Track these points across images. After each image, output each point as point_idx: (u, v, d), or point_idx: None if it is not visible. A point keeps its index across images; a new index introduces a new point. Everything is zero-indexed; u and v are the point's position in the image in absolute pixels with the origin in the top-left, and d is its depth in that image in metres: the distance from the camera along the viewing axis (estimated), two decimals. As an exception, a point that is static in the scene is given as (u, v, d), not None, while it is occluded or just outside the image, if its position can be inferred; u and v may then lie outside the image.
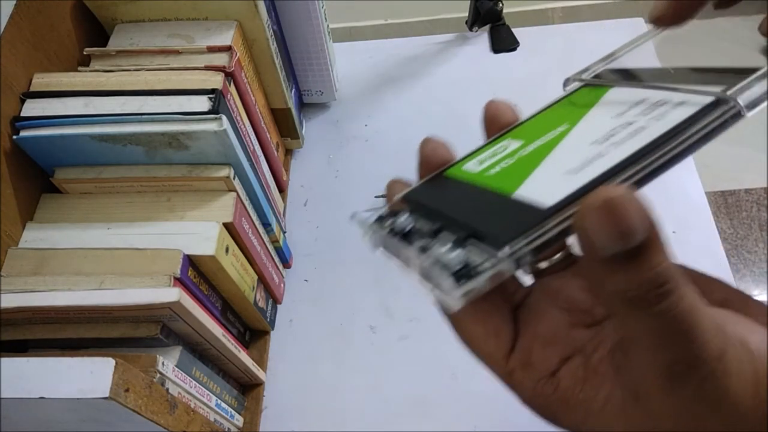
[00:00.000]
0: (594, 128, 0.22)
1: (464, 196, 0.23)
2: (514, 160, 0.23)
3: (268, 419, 0.55)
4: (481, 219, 0.21)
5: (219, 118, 0.43)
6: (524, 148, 0.24)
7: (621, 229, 0.17)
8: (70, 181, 0.46)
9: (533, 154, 0.23)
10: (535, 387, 0.22)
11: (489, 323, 0.23)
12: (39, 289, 0.40)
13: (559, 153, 0.22)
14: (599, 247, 0.17)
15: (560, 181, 0.20)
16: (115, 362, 0.30)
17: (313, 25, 0.63)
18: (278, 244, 0.59)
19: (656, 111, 0.21)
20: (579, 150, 0.21)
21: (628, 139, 0.20)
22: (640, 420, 0.20)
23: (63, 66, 0.50)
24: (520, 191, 0.21)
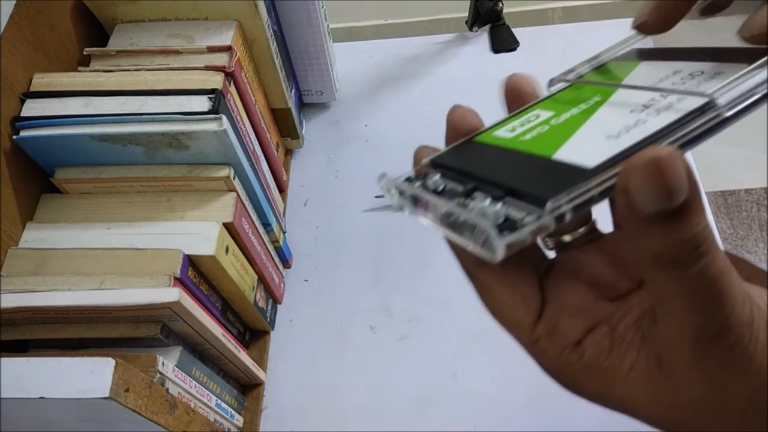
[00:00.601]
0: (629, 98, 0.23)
1: (498, 158, 0.23)
2: (548, 128, 0.24)
3: (268, 419, 0.55)
4: (518, 178, 0.21)
5: (219, 118, 0.43)
6: (556, 118, 0.24)
7: (666, 187, 0.17)
8: (70, 181, 0.46)
9: (567, 122, 0.23)
10: (560, 355, 0.22)
11: (518, 290, 0.23)
12: (39, 289, 0.40)
13: (599, 120, 0.22)
14: (642, 206, 0.17)
15: (601, 144, 0.20)
16: (115, 362, 0.30)
17: (313, 25, 0.63)
18: (278, 244, 0.59)
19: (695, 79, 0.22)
20: (617, 118, 0.21)
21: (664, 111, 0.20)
22: (663, 387, 0.20)
23: (63, 66, 0.50)
24: (559, 154, 0.21)
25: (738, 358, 0.19)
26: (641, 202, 0.17)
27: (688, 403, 0.20)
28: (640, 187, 0.17)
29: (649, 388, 0.20)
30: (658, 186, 0.17)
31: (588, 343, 0.22)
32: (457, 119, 0.26)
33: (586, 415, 0.52)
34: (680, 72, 0.23)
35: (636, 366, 0.20)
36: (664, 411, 0.20)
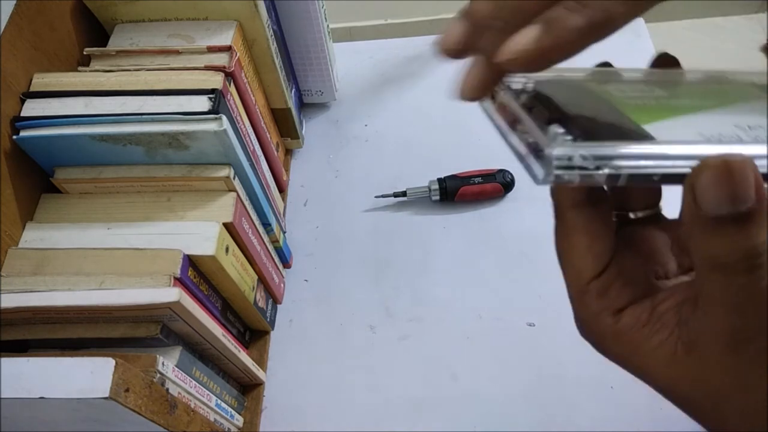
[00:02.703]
0: (744, 116, 0.22)
1: (594, 107, 0.23)
2: (655, 102, 0.23)
3: (268, 419, 0.55)
4: (600, 128, 0.21)
5: (219, 118, 0.43)
6: (672, 99, 0.24)
7: (732, 192, 0.17)
8: (70, 181, 0.46)
9: (673, 107, 0.23)
10: (599, 314, 0.23)
11: (596, 242, 0.24)
12: (39, 289, 0.40)
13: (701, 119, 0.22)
14: (706, 206, 0.18)
15: (689, 137, 0.20)
16: (115, 362, 0.30)
17: (313, 25, 0.63)
18: (278, 244, 0.59)
19: None
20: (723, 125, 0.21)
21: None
22: (685, 369, 0.21)
23: (63, 66, 0.50)
24: (649, 126, 0.21)
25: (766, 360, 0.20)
26: (706, 201, 0.18)
27: (710, 389, 0.21)
28: (707, 186, 0.18)
29: (672, 366, 0.22)
30: (725, 188, 0.17)
31: (627, 312, 0.23)
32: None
33: (586, 415, 0.52)
34: None
35: (664, 345, 0.22)
36: (683, 390, 0.22)
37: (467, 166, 0.67)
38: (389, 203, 0.67)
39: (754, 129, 0.21)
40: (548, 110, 0.22)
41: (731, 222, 0.18)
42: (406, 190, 0.66)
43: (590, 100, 0.24)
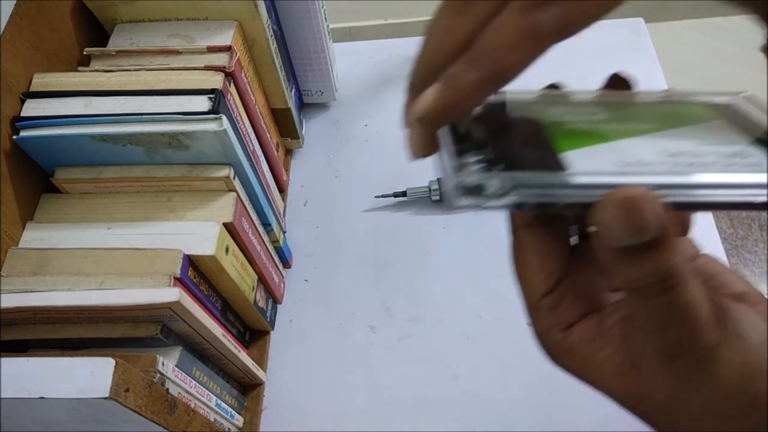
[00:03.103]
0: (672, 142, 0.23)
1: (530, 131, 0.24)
2: (590, 127, 0.24)
3: (268, 419, 0.55)
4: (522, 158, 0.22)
5: (219, 118, 0.43)
6: (609, 122, 0.25)
7: (635, 226, 0.19)
8: (70, 181, 0.46)
9: (606, 132, 0.24)
10: (551, 329, 0.24)
11: (547, 259, 0.24)
12: (39, 289, 0.40)
13: (629, 145, 0.23)
14: (611, 240, 0.19)
15: (608, 166, 0.21)
16: (115, 362, 0.30)
17: (313, 25, 0.63)
18: (278, 244, 0.59)
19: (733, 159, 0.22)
20: (646, 152, 0.22)
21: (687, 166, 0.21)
22: (630, 384, 0.22)
23: (63, 66, 0.50)
24: (572, 153, 0.22)
25: (700, 374, 0.20)
26: (610, 236, 0.19)
27: (654, 402, 0.22)
28: (609, 222, 0.19)
29: (620, 380, 0.22)
30: (626, 223, 0.19)
31: (577, 327, 0.24)
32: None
33: (586, 416, 0.52)
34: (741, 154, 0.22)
35: (611, 359, 0.23)
36: (631, 402, 0.23)
37: (467, 166, 0.67)
38: (389, 203, 0.67)
39: (677, 156, 0.22)
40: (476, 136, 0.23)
41: (638, 251, 0.19)
42: (406, 190, 0.66)
43: (524, 125, 0.24)
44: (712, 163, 0.21)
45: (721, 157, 0.22)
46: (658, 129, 0.24)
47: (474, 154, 0.22)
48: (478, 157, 0.22)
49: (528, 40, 0.19)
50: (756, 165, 0.21)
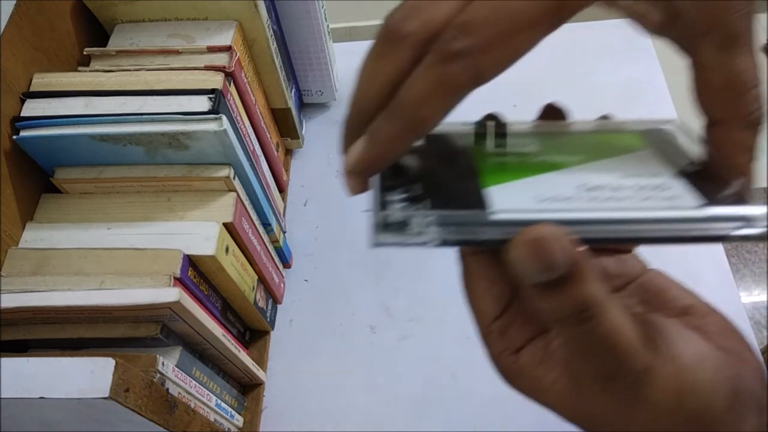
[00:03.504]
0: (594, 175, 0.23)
1: (461, 165, 0.25)
2: (518, 160, 0.25)
3: (268, 419, 0.55)
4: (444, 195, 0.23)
5: (219, 118, 0.43)
6: (538, 155, 0.25)
7: (543, 263, 0.19)
8: (70, 181, 0.46)
9: (533, 165, 0.24)
10: (502, 354, 0.25)
11: (494, 285, 0.25)
12: (39, 289, 0.40)
13: (551, 179, 0.23)
14: (524, 277, 0.20)
15: (526, 203, 0.22)
16: (115, 362, 0.30)
17: (313, 25, 0.63)
18: (278, 244, 0.59)
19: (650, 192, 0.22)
20: (564, 185, 0.23)
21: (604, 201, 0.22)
22: (576, 406, 0.23)
23: (63, 66, 0.50)
24: (492, 190, 0.23)
25: (635, 397, 0.21)
26: (522, 273, 0.20)
27: (601, 423, 0.23)
28: (520, 261, 0.20)
29: (568, 403, 0.23)
30: (536, 262, 0.20)
31: (526, 351, 0.24)
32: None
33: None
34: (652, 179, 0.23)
35: (558, 382, 0.23)
36: (582, 423, 0.23)
37: (467, 166, 0.67)
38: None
39: (595, 190, 0.22)
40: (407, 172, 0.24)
41: (551, 286, 0.20)
42: (406, 190, 0.66)
43: (456, 159, 0.25)
44: (629, 197, 0.22)
45: (638, 191, 0.22)
46: (584, 161, 0.24)
47: (401, 191, 0.23)
48: (404, 194, 0.23)
49: (441, 93, 0.20)
50: (672, 198, 0.22)
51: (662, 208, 0.21)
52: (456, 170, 0.24)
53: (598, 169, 0.24)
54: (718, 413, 0.21)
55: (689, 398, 0.21)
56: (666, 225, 0.21)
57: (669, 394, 0.21)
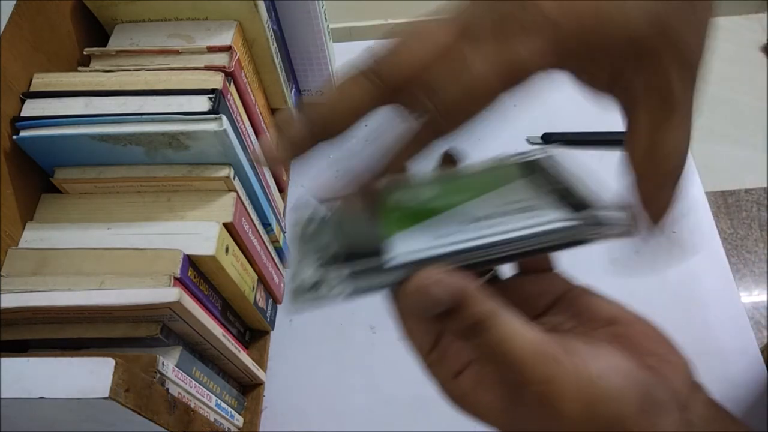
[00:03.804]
0: (480, 207, 0.26)
1: (370, 220, 0.27)
2: (418, 206, 0.27)
3: (268, 419, 0.55)
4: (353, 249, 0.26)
5: (219, 118, 0.43)
6: (435, 199, 0.28)
7: (429, 303, 0.22)
8: (70, 181, 0.46)
9: (430, 209, 0.27)
10: (445, 381, 0.27)
11: (423, 321, 0.27)
12: (39, 289, 0.40)
13: (444, 218, 0.26)
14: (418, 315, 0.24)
15: (422, 243, 0.25)
16: (115, 362, 0.30)
17: (313, 25, 0.63)
18: (278, 244, 0.59)
19: (522, 214, 0.25)
20: (452, 222, 0.26)
21: (488, 228, 0.25)
22: (512, 424, 0.24)
23: (63, 66, 0.50)
24: (395, 238, 0.25)
25: (544, 408, 0.22)
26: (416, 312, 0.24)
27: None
28: (410, 305, 0.23)
29: (503, 421, 0.24)
30: (423, 303, 0.22)
31: (465, 375, 0.26)
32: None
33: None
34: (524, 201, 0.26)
35: (493, 402, 0.25)
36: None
37: (467, 166, 0.67)
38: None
39: (478, 221, 0.25)
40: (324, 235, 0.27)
41: (445, 314, 0.22)
42: (406, 190, 0.66)
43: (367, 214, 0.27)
44: (503, 222, 0.25)
45: (512, 215, 0.25)
46: (472, 197, 0.27)
47: (316, 254, 0.26)
48: (319, 257, 0.25)
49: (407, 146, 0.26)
50: (537, 216, 0.25)
51: (530, 226, 0.24)
52: (365, 226, 0.27)
53: (482, 203, 0.27)
54: (630, 417, 0.22)
55: (599, 406, 0.22)
56: (533, 239, 0.24)
57: (578, 404, 0.22)
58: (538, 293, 0.29)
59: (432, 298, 0.22)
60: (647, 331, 0.26)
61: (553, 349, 0.23)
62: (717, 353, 0.55)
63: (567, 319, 0.28)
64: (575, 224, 0.24)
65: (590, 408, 0.22)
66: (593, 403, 0.22)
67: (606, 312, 0.27)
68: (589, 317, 0.27)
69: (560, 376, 0.22)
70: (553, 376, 0.22)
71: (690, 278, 0.59)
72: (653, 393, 0.23)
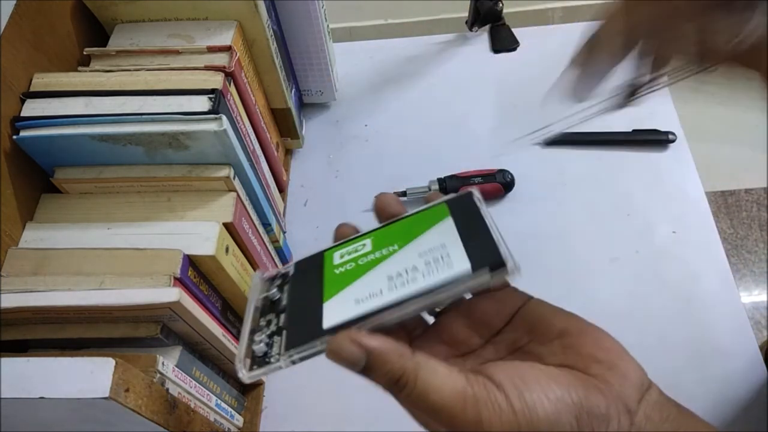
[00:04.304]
0: (400, 261, 0.28)
1: (310, 285, 0.29)
2: (353, 266, 0.29)
3: (268, 419, 0.55)
4: (295, 318, 0.28)
5: (219, 118, 0.43)
6: (367, 255, 0.29)
7: (346, 363, 0.25)
8: (70, 181, 0.46)
9: (361, 267, 0.29)
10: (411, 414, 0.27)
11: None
12: (39, 289, 0.40)
13: (370, 276, 0.28)
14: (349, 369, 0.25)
15: (347, 309, 0.27)
16: (115, 362, 0.30)
17: (313, 25, 0.63)
18: (278, 244, 0.59)
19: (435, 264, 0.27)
20: (375, 281, 0.27)
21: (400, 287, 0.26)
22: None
23: (63, 66, 0.50)
24: (329, 303, 0.28)
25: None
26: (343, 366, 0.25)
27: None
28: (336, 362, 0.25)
29: None
30: (342, 363, 0.25)
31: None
32: (379, 207, 0.32)
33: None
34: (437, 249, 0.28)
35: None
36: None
37: (467, 166, 0.67)
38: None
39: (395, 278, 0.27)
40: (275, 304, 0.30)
41: (366, 373, 0.25)
42: (406, 190, 0.66)
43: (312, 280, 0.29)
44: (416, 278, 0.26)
45: (425, 266, 0.27)
46: (397, 249, 0.28)
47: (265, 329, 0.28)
48: (266, 331, 0.28)
49: None
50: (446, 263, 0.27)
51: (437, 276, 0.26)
52: (310, 293, 0.29)
53: (403, 256, 0.28)
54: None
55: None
56: (429, 296, 0.26)
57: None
58: (494, 312, 0.30)
59: (346, 359, 0.25)
60: (596, 339, 0.27)
61: (477, 391, 0.24)
62: (717, 353, 0.55)
63: (523, 334, 0.29)
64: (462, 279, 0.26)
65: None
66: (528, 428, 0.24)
67: (557, 324, 0.28)
68: (542, 331, 0.28)
69: (486, 415, 0.24)
70: (480, 417, 0.24)
71: (690, 278, 0.59)
72: (589, 408, 0.24)
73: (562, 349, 0.27)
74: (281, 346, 0.27)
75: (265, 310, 0.30)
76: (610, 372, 0.25)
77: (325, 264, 0.30)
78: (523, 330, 0.29)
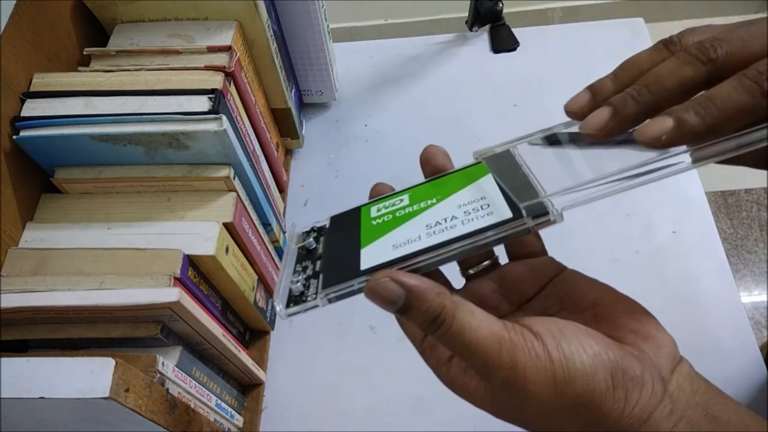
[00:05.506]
0: (439, 212, 0.28)
1: (347, 235, 0.30)
2: (391, 218, 0.30)
3: (268, 419, 0.55)
4: (332, 262, 0.29)
5: (219, 118, 0.43)
6: (404, 208, 0.30)
7: (384, 302, 0.25)
8: (70, 181, 0.46)
9: (398, 218, 0.29)
10: (437, 366, 0.28)
11: None
12: (39, 289, 0.40)
13: (408, 225, 0.28)
14: (385, 309, 0.25)
15: (384, 250, 0.27)
16: (115, 362, 0.30)
17: (313, 25, 0.63)
18: (278, 244, 0.59)
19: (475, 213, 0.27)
20: (414, 229, 0.28)
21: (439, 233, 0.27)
22: (495, 406, 0.26)
23: (63, 66, 0.50)
24: (366, 248, 0.28)
25: (514, 391, 0.24)
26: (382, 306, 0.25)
27: (513, 417, 0.26)
28: (373, 301, 0.26)
29: (489, 404, 0.26)
30: (380, 302, 0.25)
31: (454, 361, 0.27)
32: (425, 158, 0.32)
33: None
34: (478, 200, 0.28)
35: (479, 389, 0.26)
36: (508, 419, 0.27)
37: (467, 166, 0.67)
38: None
39: (433, 226, 0.27)
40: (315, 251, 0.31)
41: (404, 311, 0.25)
42: (406, 190, 0.66)
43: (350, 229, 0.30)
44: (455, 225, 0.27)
45: (465, 215, 0.27)
46: (435, 203, 0.29)
47: (302, 272, 0.30)
48: (303, 273, 0.29)
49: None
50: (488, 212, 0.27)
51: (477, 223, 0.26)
52: (347, 241, 0.30)
53: (441, 207, 0.29)
54: (600, 394, 0.24)
55: (567, 386, 0.23)
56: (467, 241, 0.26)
57: (544, 384, 0.24)
58: (527, 279, 0.30)
59: (383, 297, 0.25)
60: (630, 309, 0.27)
61: (513, 336, 0.24)
62: (717, 353, 0.55)
63: (554, 302, 0.29)
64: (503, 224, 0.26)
65: (558, 387, 0.24)
66: (561, 383, 0.23)
67: (590, 294, 0.28)
68: (575, 300, 0.28)
69: (522, 360, 0.24)
70: (515, 361, 0.24)
71: (690, 278, 0.59)
72: (625, 369, 0.24)
73: (595, 319, 0.27)
74: (318, 287, 0.28)
75: (301, 257, 0.31)
76: (645, 342, 0.25)
77: (362, 217, 0.31)
78: (554, 298, 0.29)
